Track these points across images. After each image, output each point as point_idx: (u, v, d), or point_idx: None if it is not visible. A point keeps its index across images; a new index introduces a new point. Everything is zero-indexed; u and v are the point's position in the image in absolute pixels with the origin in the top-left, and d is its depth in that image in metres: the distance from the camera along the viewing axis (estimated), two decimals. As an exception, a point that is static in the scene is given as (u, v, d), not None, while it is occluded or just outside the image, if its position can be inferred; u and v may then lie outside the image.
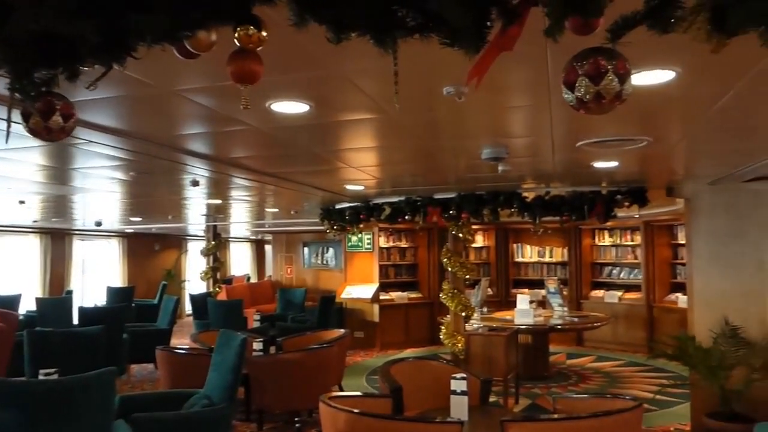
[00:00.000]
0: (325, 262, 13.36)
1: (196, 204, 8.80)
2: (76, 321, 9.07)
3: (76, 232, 13.98)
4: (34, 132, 1.62)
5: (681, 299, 9.61)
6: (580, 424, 3.72)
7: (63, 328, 7.70)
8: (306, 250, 13.73)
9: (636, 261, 11.07)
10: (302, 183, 6.27)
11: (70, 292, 11.94)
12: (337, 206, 8.31)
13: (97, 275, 14.79)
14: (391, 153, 4.77)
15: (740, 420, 5.10)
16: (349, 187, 6.55)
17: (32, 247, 13.26)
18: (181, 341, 11.09)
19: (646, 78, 2.49)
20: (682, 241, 9.58)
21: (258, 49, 1.37)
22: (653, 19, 1.11)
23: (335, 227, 8.54)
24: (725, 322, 5.51)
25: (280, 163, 5.14)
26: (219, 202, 8.43)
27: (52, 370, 4.33)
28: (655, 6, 1.09)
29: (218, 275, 12.98)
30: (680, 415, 6.50)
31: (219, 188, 6.96)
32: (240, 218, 12.02)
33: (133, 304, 11.36)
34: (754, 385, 5.16)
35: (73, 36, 1.28)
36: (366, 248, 11.63)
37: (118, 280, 15.00)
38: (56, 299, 11.07)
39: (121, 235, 15.28)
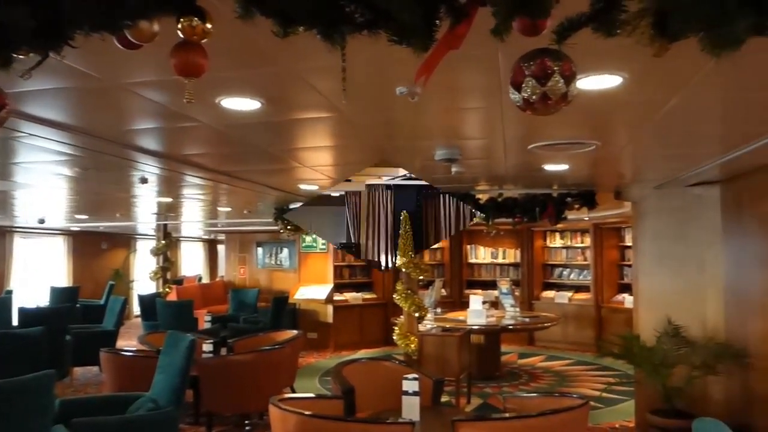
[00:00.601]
0: (279, 262, 13.21)
1: (145, 202, 8.57)
2: (16, 322, 8.71)
3: (18, 229, 13.42)
4: (-37, 122, 1.54)
5: (627, 300, 9.90)
6: (529, 422, 3.78)
7: (1, 329, 7.39)
8: (260, 250, 13.55)
9: (585, 262, 11.35)
10: (255, 182, 6.18)
11: (9, 292, 11.45)
12: (291, 206, 8.23)
13: (40, 275, 14.22)
14: (345, 153, 4.74)
15: (681, 416, 5.26)
16: (303, 186, 6.49)
17: (-30, 245, 12.68)
18: (129, 343, 10.78)
19: (593, 83, 2.53)
20: (629, 243, 9.86)
21: (203, 41, 1.33)
22: (598, 22, 1.12)
23: (289, 227, 8.46)
24: (668, 322, 5.68)
25: (233, 162, 5.05)
26: (170, 200, 8.23)
27: (-12, 374, 4.14)
28: (599, 9, 1.11)
29: (168, 275, 12.67)
30: (625, 412, 6.68)
31: (169, 186, 6.79)
32: (192, 217, 11.77)
33: (77, 305, 10.98)
34: (694, 382, 5.35)
35: (4, 21, 1.21)
36: (320, 249, 11.56)
37: (63, 280, 14.47)
38: (-5, 300, 10.61)
39: (66, 233, 14.73)
